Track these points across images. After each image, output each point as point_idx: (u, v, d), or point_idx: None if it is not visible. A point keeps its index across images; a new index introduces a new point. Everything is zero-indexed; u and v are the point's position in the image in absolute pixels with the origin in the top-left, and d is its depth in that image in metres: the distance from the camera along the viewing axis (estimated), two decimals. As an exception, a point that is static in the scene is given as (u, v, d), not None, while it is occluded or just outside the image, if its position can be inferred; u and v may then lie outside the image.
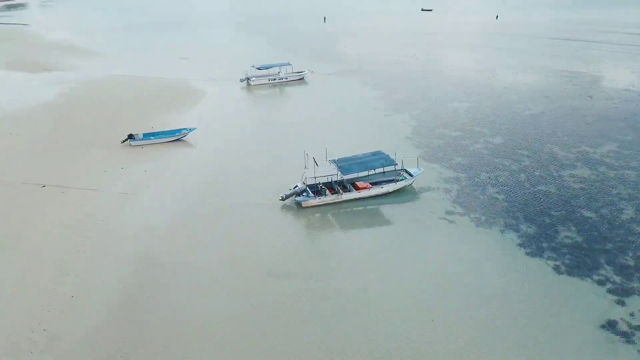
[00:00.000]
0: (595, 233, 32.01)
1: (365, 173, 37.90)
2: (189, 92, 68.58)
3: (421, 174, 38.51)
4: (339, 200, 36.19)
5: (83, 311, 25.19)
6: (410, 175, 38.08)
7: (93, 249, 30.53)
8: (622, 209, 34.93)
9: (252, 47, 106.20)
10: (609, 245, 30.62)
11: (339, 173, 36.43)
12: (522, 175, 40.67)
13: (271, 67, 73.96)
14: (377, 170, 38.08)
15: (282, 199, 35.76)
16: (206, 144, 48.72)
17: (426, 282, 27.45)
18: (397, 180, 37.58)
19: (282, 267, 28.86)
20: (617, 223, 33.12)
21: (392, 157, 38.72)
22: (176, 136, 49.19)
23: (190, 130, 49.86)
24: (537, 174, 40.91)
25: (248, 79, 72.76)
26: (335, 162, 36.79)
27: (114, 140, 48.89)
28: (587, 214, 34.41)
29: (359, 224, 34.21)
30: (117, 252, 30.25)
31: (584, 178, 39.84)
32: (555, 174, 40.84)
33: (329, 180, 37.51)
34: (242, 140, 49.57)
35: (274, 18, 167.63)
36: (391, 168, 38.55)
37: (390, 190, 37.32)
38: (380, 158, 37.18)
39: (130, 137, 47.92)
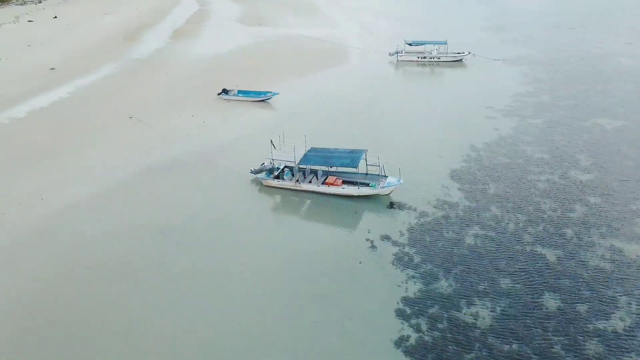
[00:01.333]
0: (512, 326, 23.05)
1: (325, 167, 35.47)
2: (335, 59, 70.79)
3: (396, 186, 33.35)
4: (297, 188, 35.14)
5: (30, 211, 33.59)
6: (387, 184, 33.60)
7: (95, 171, 38.77)
8: (608, 315, 23.42)
9: (462, 29, 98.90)
10: (502, 347, 21.88)
11: (295, 161, 35.07)
12: (540, 227, 30.39)
13: (424, 44, 69.18)
14: (341, 169, 34.91)
15: (252, 172, 36.77)
16: (280, 111, 51.30)
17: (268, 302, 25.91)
18: (360, 185, 33.79)
19: (177, 229, 31.28)
20: (549, 325, 22.87)
21: (376, 160, 35.03)
22: (261, 97, 53.49)
23: (274, 94, 53.33)
24: (568, 231, 29.93)
25: (398, 53, 69.92)
26: (307, 150, 35.65)
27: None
28: (550, 301, 24.52)
29: (293, 214, 33.84)
30: (107, 180, 37.68)
31: (625, 256, 27.31)
32: (594, 239, 29.12)
33: (306, 167, 36.29)
34: (317, 117, 49.03)
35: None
36: (354, 170, 34.79)
37: (354, 194, 33.85)
38: (346, 157, 33.88)
39: (224, 91, 54.63)
